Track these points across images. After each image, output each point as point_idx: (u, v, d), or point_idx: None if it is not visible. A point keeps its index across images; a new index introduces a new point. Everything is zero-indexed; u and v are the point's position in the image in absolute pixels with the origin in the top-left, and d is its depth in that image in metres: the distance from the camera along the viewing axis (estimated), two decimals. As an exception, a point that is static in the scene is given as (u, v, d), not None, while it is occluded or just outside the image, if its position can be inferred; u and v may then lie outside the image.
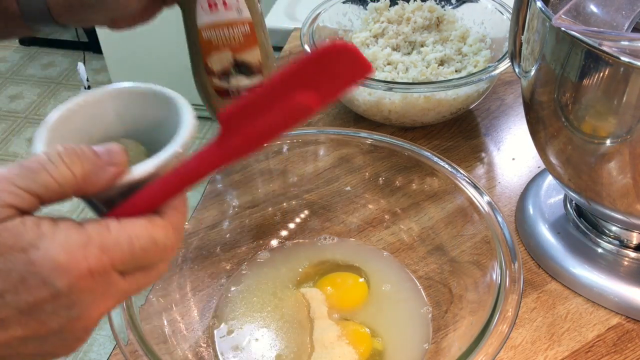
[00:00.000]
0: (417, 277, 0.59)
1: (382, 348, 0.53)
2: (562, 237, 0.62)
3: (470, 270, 0.55)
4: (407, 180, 0.62)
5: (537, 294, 0.59)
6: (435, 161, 0.59)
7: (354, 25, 0.87)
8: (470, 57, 0.80)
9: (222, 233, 0.62)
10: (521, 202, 0.68)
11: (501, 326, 0.45)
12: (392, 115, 0.76)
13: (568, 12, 0.48)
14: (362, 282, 0.58)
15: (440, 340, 0.53)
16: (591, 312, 0.58)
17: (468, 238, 0.56)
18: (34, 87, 2.67)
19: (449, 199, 0.58)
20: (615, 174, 0.50)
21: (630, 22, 0.50)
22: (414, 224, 0.62)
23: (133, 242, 0.31)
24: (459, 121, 0.80)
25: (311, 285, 0.58)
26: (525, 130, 0.62)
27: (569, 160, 0.54)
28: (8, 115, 2.51)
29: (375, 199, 0.64)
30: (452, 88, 0.71)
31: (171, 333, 0.53)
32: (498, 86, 0.85)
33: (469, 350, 0.45)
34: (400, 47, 0.84)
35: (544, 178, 0.70)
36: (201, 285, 0.58)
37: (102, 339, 1.69)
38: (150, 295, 0.53)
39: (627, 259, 0.60)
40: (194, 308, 0.57)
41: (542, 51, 0.52)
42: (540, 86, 0.54)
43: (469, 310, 0.52)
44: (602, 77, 0.47)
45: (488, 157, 0.76)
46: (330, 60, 0.31)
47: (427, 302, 0.57)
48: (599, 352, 0.55)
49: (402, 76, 0.78)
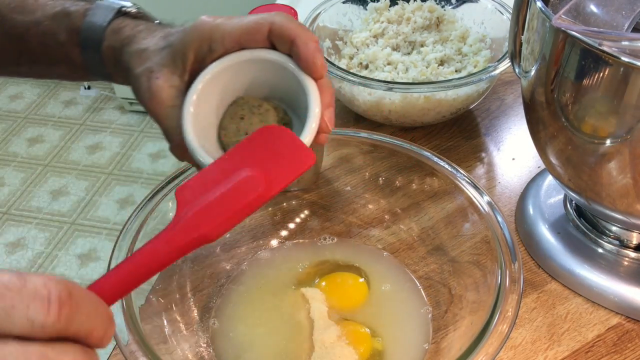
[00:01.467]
0: (417, 277, 0.59)
1: (382, 348, 0.53)
2: (562, 237, 0.62)
3: (470, 270, 0.55)
4: (407, 180, 0.62)
5: (537, 294, 0.60)
6: (436, 161, 0.59)
7: (354, 25, 0.87)
8: (470, 57, 0.80)
9: (222, 233, 0.62)
10: (521, 202, 0.68)
11: (501, 326, 0.45)
12: (392, 115, 0.76)
13: (568, 12, 0.48)
14: (362, 282, 0.58)
15: (440, 340, 0.53)
16: (591, 312, 0.58)
17: (468, 238, 0.56)
18: (34, 87, 2.66)
19: (449, 199, 0.58)
20: (615, 174, 0.51)
21: (630, 22, 0.50)
22: (414, 224, 0.62)
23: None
24: (459, 121, 0.80)
25: (311, 285, 0.58)
26: (525, 131, 0.62)
27: (568, 160, 0.54)
28: (8, 115, 2.51)
29: (375, 199, 0.64)
30: (452, 88, 0.71)
31: (171, 333, 0.53)
32: (498, 86, 0.85)
33: (469, 350, 0.45)
34: (400, 47, 0.84)
35: (544, 178, 0.70)
36: (201, 285, 0.58)
37: (102, 339, 1.69)
38: (150, 295, 0.53)
39: (627, 259, 0.60)
40: (194, 308, 0.57)
41: (542, 51, 0.52)
42: (540, 86, 0.54)
43: (469, 310, 0.52)
44: (602, 77, 0.47)
45: (488, 157, 0.76)
46: (271, 141, 0.35)
47: (427, 302, 0.57)
48: (599, 352, 0.55)
49: (402, 76, 0.78)
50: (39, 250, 1.94)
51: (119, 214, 2.07)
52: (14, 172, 2.23)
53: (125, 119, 2.47)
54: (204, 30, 0.44)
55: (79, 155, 2.31)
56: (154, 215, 0.55)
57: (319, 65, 0.41)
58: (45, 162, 2.29)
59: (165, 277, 0.56)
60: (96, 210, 2.08)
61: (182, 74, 0.45)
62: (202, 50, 0.44)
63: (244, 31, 0.43)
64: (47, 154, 2.32)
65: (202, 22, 0.44)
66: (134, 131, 2.42)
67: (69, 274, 1.87)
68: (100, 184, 2.19)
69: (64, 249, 1.95)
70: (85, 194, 2.15)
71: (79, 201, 2.12)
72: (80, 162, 2.29)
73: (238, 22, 0.43)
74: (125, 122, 2.46)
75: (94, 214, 2.07)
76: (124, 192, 2.15)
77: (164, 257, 0.33)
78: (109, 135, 2.40)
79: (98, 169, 2.25)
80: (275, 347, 0.53)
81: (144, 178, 2.21)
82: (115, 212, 2.08)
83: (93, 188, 2.17)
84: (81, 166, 2.27)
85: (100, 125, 2.45)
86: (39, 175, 2.23)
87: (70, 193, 2.15)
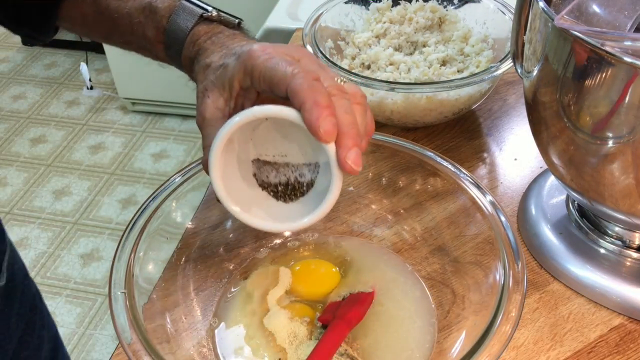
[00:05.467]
0: (420, 277, 0.59)
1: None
2: (564, 238, 0.62)
3: (473, 270, 0.55)
4: (410, 180, 0.62)
5: (539, 295, 0.60)
6: (438, 161, 0.59)
7: (356, 26, 0.87)
8: (473, 57, 0.80)
9: (225, 233, 0.62)
10: (523, 203, 0.68)
11: (504, 327, 0.45)
12: (394, 115, 0.76)
13: (570, 12, 0.48)
14: (334, 271, 0.59)
15: (443, 341, 0.53)
16: (593, 313, 0.58)
17: (471, 238, 0.56)
18: (37, 87, 2.67)
19: (451, 199, 0.58)
20: (618, 174, 0.51)
21: (632, 22, 0.50)
22: (416, 224, 0.62)
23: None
24: (461, 121, 0.80)
25: (287, 266, 0.59)
26: (527, 131, 0.62)
27: (571, 161, 0.54)
28: (11, 115, 2.52)
29: (378, 199, 0.64)
30: (455, 88, 0.71)
31: (174, 332, 0.53)
32: (500, 86, 0.85)
33: (472, 350, 0.45)
34: (403, 47, 0.84)
35: (546, 178, 0.70)
36: (204, 285, 0.58)
37: (105, 338, 1.69)
38: (153, 295, 0.53)
39: (629, 259, 0.60)
40: (197, 308, 0.57)
41: (544, 51, 0.52)
42: (543, 86, 0.54)
43: (472, 311, 0.52)
44: (604, 78, 0.47)
45: (490, 157, 0.76)
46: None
47: (430, 302, 0.57)
48: (602, 352, 0.55)
49: (404, 76, 0.78)
50: (41, 250, 1.95)
51: (121, 214, 2.07)
52: (16, 172, 2.24)
53: (128, 119, 2.47)
54: (247, 66, 0.45)
55: (82, 155, 2.32)
56: (157, 215, 0.55)
57: (322, 133, 0.41)
58: (48, 162, 2.29)
59: (169, 277, 0.56)
60: (99, 210, 2.09)
61: (227, 99, 0.48)
62: (246, 83, 0.46)
63: (272, 80, 0.44)
64: (50, 154, 2.33)
65: (250, 54, 0.45)
66: (136, 131, 2.42)
67: (71, 273, 1.88)
68: (102, 184, 2.19)
69: (67, 248, 1.95)
70: (87, 194, 2.15)
71: (82, 201, 2.12)
72: (83, 162, 2.29)
73: (273, 65, 0.44)
74: (128, 122, 2.47)
75: (96, 214, 2.08)
76: (127, 192, 2.15)
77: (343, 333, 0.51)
78: (111, 136, 2.40)
79: (100, 169, 2.26)
80: (275, 347, 0.53)
81: (146, 178, 2.21)
82: (118, 212, 2.08)
83: (95, 188, 2.17)
84: (84, 166, 2.27)
85: (103, 125, 2.46)
86: (41, 175, 2.23)
87: (73, 193, 2.16)
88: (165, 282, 0.55)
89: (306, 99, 0.41)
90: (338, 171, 0.43)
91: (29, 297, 0.75)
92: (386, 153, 0.62)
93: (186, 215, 0.60)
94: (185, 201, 0.58)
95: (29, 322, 0.73)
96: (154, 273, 0.55)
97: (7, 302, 0.68)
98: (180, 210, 0.58)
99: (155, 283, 0.54)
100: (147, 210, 0.55)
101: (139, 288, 0.50)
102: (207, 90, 0.48)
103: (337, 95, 0.43)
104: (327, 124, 0.41)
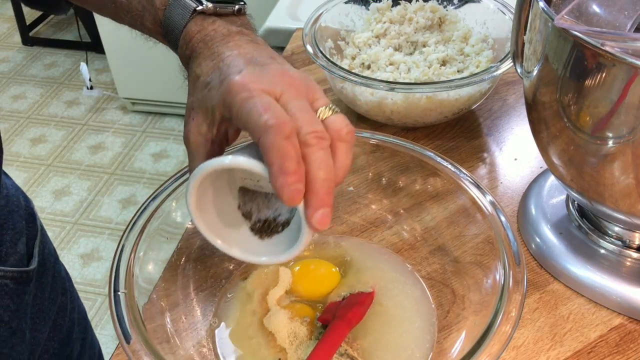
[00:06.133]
0: (420, 277, 0.59)
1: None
2: (564, 238, 0.62)
3: (473, 270, 0.55)
4: (409, 180, 0.62)
5: (539, 294, 0.60)
6: (438, 161, 0.59)
7: (356, 26, 0.87)
8: (473, 57, 0.80)
9: (225, 233, 0.62)
10: (523, 203, 0.68)
11: (504, 326, 0.45)
12: (394, 115, 0.76)
13: (570, 12, 0.48)
14: (334, 271, 0.59)
15: (443, 341, 0.53)
16: (593, 313, 0.58)
17: (471, 238, 0.56)
18: (37, 87, 2.67)
19: (451, 199, 0.58)
20: (618, 174, 0.51)
21: (632, 22, 0.50)
22: (416, 224, 0.62)
23: None
24: (461, 121, 0.80)
25: (287, 266, 0.59)
26: (527, 131, 0.62)
27: (571, 161, 0.54)
28: (11, 115, 2.52)
29: (378, 199, 0.64)
30: (454, 88, 0.71)
31: (174, 332, 0.53)
32: (500, 86, 0.85)
33: (472, 350, 0.45)
34: (403, 47, 0.84)
35: (546, 178, 0.70)
36: (204, 285, 0.58)
37: (105, 338, 1.69)
38: (153, 295, 0.53)
39: (629, 259, 0.60)
40: (197, 308, 0.57)
41: (544, 51, 0.52)
42: (543, 86, 0.54)
43: (472, 311, 0.52)
44: (604, 78, 0.47)
45: (490, 157, 0.76)
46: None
47: (430, 302, 0.57)
48: (602, 352, 0.55)
49: (404, 76, 0.78)
50: (41, 250, 1.95)
51: (121, 214, 2.07)
52: (16, 172, 2.24)
53: (128, 119, 2.48)
54: (226, 101, 0.43)
55: (82, 155, 2.32)
56: (157, 215, 0.55)
57: (285, 200, 0.40)
58: (48, 162, 2.29)
59: (169, 277, 0.56)
60: (99, 210, 2.09)
61: (210, 125, 0.46)
62: (226, 115, 0.44)
63: (246, 126, 0.42)
64: (50, 154, 2.33)
65: (229, 89, 0.43)
66: (136, 131, 2.42)
67: (71, 274, 1.87)
68: (102, 184, 2.19)
69: (67, 248, 1.95)
70: (87, 194, 2.15)
71: (82, 201, 2.12)
72: (83, 162, 2.29)
73: (248, 110, 0.42)
74: (128, 122, 2.47)
75: (96, 214, 2.08)
76: (127, 192, 2.16)
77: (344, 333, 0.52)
78: (111, 136, 2.41)
79: (100, 169, 2.26)
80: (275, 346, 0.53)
81: (146, 178, 2.21)
82: (118, 212, 2.08)
83: (95, 188, 2.18)
84: (84, 166, 2.27)
85: (103, 125, 2.46)
86: (41, 175, 2.23)
87: (73, 193, 2.16)
88: (165, 282, 0.55)
89: (273, 161, 0.40)
90: (307, 227, 0.42)
91: (60, 281, 0.76)
92: (386, 153, 0.62)
93: (186, 215, 0.60)
94: (185, 201, 0.58)
95: (61, 305, 0.74)
96: (154, 273, 0.55)
97: (40, 286, 0.68)
98: (180, 210, 0.58)
99: (155, 283, 0.54)
100: (147, 210, 0.55)
101: (139, 288, 0.50)
102: (193, 111, 0.46)
103: (314, 146, 0.40)
104: (290, 192, 0.39)
